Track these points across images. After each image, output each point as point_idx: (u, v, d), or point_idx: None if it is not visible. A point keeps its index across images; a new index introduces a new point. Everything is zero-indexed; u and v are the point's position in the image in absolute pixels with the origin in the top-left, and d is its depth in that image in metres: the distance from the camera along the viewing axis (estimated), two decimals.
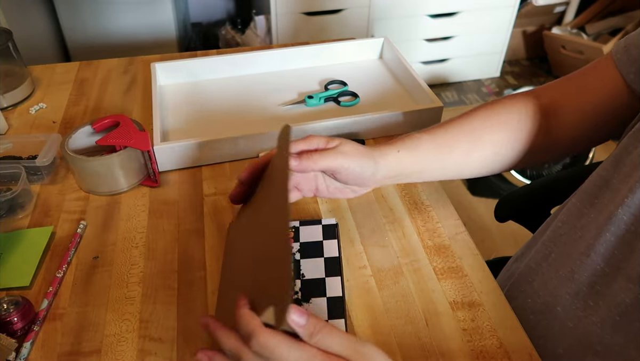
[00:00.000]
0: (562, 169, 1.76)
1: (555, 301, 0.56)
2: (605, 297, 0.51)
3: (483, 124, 0.61)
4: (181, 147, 0.72)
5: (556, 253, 0.57)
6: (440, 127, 0.61)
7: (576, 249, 0.55)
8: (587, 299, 0.53)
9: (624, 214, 0.49)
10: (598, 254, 0.52)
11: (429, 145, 0.59)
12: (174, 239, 0.64)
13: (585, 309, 0.53)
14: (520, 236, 0.73)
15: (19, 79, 0.88)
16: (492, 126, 0.61)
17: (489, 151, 0.61)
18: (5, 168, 0.70)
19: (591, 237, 0.53)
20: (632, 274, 0.49)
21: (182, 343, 0.53)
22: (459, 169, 0.62)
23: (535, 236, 0.67)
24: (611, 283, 0.51)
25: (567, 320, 0.55)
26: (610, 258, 0.51)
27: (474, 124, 0.61)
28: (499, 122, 0.61)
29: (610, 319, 0.50)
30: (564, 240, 0.57)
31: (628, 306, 0.49)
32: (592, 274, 0.52)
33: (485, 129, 0.61)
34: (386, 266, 0.61)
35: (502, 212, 0.89)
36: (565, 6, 2.44)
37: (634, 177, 0.49)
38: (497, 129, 0.61)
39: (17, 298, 0.54)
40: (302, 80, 0.93)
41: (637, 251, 0.48)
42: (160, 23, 1.99)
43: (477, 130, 0.61)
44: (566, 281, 0.55)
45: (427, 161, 0.59)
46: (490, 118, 0.62)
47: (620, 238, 0.50)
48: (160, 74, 0.89)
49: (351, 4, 2.05)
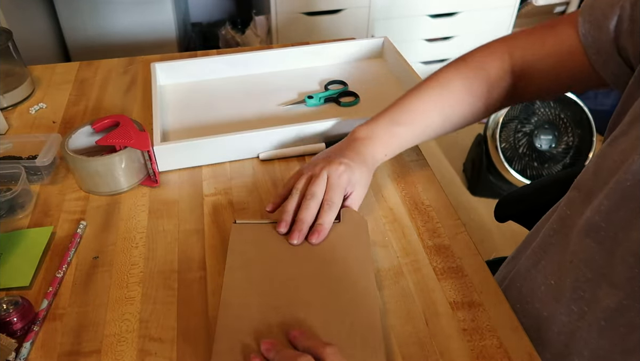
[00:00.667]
0: (562, 169, 1.76)
1: (542, 306, 0.57)
2: (590, 303, 0.51)
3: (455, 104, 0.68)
4: (181, 147, 0.72)
5: (545, 260, 0.58)
6: (418, 114, 0.67)
7: (563, 256, 0.55)
8: (572, 305, 0.53)
9: (602, 221, 0.49)
10: (581, 260, 0.52)
11: (410, 138, 0.68)
12: (174, 239, 0.64)
13: (571, 314, 0.53)
14: (520, 236, 0.74)
15: (19, 79, 0.88)
16: (464, 102, 0.67)
17: (460, 124, 0.70)
18: (5, 168, 0.70)
19: (574, 243, 0.53)
20: (615, 280, 0.49)
21: (182, 343, 0.53)
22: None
23: (527, 241, 0.68)
24: (595, 289, 0.51)
25: (554, 325, 0.55)
26: (592, 264, 0.51)
27: (448, 101, 0.67)
28: (466, 101, 0.67)
29: (596, 324, 0.51)
30: (554, 249, 0.57)
31: (613, 312, 0.49)
32: (576, 280, 0.52)
33: (456, 106, 0.68)
34: (386, 266, 0.61)
35: (502, 212, 0.89)
36: (565, 6, 2.44)
37: (609, 184, 0.49)
38: (467, 106, 0.68)
39: (16, 298, 0.54)
40: (302, 80, 0.93)
41: (618, 256, 0.48)
42: (160, 23, 1.99)
43: (451, 115, 0.68)
44: (553, 288, 0.56)
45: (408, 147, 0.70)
46: (462, 92, 0.67)
47: (599, 243, 0.50)
48: (160, 74, 0.89)
49: (351, 4, 2.05)
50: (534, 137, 1.75)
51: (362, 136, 0.66)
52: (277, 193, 0.64)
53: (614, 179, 0.48)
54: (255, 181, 0.72)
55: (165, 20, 1.99)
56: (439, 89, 0.67)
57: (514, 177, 1.75)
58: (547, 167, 1.77)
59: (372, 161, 0.65)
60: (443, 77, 0.68)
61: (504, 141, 1.74)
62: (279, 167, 0.75)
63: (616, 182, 0.48)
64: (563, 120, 1.73)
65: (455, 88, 0.67)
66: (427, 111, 0.67)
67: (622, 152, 0.49)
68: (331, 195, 0.60)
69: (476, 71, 0.67)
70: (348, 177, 0.61)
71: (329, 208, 0.59)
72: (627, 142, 0.49)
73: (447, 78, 0.68)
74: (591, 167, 0.54)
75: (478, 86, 0.67)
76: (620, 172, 0.48)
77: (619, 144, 0.50)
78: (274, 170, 0.74)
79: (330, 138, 0.77)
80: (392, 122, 0.67)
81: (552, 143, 1.77)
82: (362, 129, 0.67)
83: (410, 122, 0.67)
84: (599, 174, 0.51)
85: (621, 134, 0.50)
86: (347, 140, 0.67)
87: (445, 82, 0.67)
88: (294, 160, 0.76)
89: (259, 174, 0.74)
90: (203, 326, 0.54)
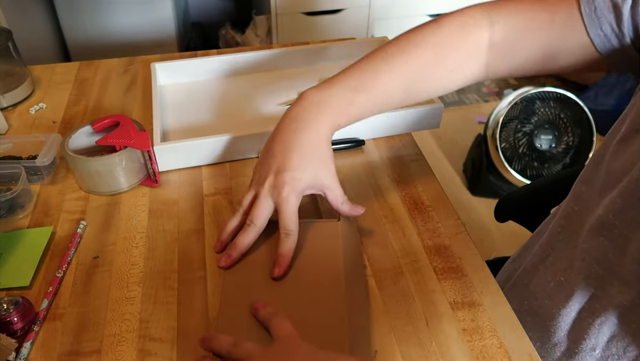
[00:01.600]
0: (562, 169, 1.76)
1: (552, 303, 0.56)
2: (602, 300, 0.51)
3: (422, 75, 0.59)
4: (181, 147, 0.72)
5: (553, 256, 0.57)
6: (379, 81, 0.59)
7: (573, 253, 0.54)
8: (584, 301, 0.53)
9: (615, 220, 0.49)
10: (592, 257, 0.52)
11: (369, 108, 0.60)
12: (174, 239, 0.64)
13: (581, 311, 0.53)
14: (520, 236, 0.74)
15: (19, 79, 0.88)
16: (431, 73, 0.59)
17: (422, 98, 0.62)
18: (5, 168, 0.70)
19: (585, 240, 0.53)
20: (626, 278, 0.48)
21: (182, 343, 0.53)
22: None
23: (533, 238, 0.67)
24: (607, 286, 0.50)
25: (563, 322, 0.55)
26: (604, 262, 0.51)
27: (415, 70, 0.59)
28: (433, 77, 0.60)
29: (608, 321, 0.50)
30: (562, 246, 0.56)
31: (625, 309, 0.49)
32: (587, 276, 0.52)
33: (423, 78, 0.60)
34: (386, 266, 0.61)
35: (502, 212, 0.89)
36: None
37: (622, 182, 0.49)
38: (434, 79, 0.60)
39: (16, 298, 0.54)
40: (302, 80, 0.93)
41: (629, 255, 0.48)
42: (160, 23, 1.99)
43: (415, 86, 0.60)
44: (563, 284, 0.55)
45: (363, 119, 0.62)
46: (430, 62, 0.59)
47: (612, 241, 0.50)
48: (160, 74, 0.89)
49: (351, 4, 2.05)
50: (534, 137, 1.75)
51: (312, 101, 0.58)
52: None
53: (626, 178, 0.48)
54: None
55: (165, 20, 1.99)
56: (405, 55, 0.59)
57: (514, 177, 1.75)
58: (547, 167, 1.77)
59: (323, 137, 0.57)
60: (412, 41, 0.59)
61: (504, 140, 1.74)
62: None
63: (629, 181, 0.48)
64: (563, 120, 1.73)
65: (424, 55, 0.59)
66: (390, 78, 0.59)
67: (634, 152, 0.49)
68: (285, 223, 0.55)
69: (450, 39, 0.59)
70: (297, 196, 0.56)
71: (286, 237, 0.55)
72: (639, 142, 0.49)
73: (415, 43, 0.59)
74: (599, 163, 0.53)
75: (449, 57, 0.59)
76: (633, 171, 0.48)
77: (632, 143, 0.49)
78: None
79: None
80: (349, 88, 0.58)
81: (552, 143, 1.77)
82: (313, 93, 0.59)
83: (370, 89, 0.59)
84: (611, 172, 0.51)
85: (634, 132, 0.49)
86: (293, 113, 0.58)
87: (412, 48, 0.59)
88: None
89: None
90: (203, 326, 0.54)
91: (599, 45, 0.53)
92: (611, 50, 0.53)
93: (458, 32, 0.59)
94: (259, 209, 0.56)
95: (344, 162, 0.76)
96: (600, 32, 0.52)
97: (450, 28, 0.59)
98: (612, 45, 0.52)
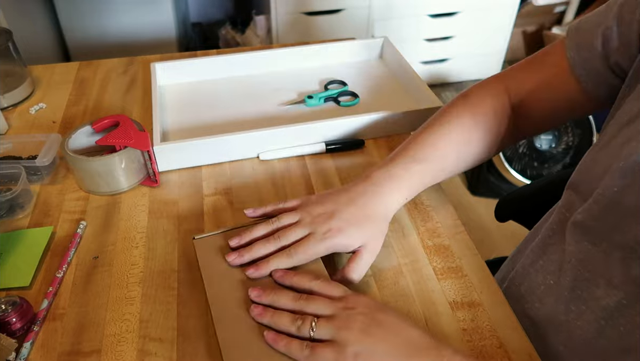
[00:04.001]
0: (562, 169, 1.76)
1: (542, 306, 0.57)
2: (589, 302, 0.51)
3: (469, 141, 0.65)
4: (181, 147, 0.72)
5: (544, 260, 0.58)
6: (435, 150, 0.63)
7: (562, 256, 0.55)
8: (571, 304, 0.53)
9: (594, 225, 0.50)
10: (578, 260, 0.52)
11: (427, 179, 0.63)
12: (174, 239, 0.64)
13: (569, 314, 0.53)
14: (520, 236, 0.74)
15: (19, 79, 0.88)
16: (476, 138, 0.65)
17: (471, 163, 0.66)
18: (5, 168, 0.70)
19: (570, 243, 0.53)
20: (613, 281, 0.49)
21: (182, 343, 0.53)
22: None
23: (526, 241, 0.68)
24: (593, 288, 0.51)
25: (552, 325, 0.55)
26: (589, 264, 0.51)
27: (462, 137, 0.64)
28: (477, 138, 0.65)
29: (595, 323, 0.51)
30: (553, 250, 0.57)
31: (612, 311, 0.49)
32: (574, 279, 0.53)
33: (470, 143, 0.65)
34: (386, 266, 0.61)
35: (502, 212, 0.89)
36: (566, 6, 2.44)
37: (598, 188, 0.50)
38: (479, 142, 0.65)
39: (14, 299, 0.54)
40: (302, 80, 0.93)
41: (615, 257, 0.48)
42: (160, 23, 1.99)
43: (465, 152, 0.65)
44: (552, 287, 0.56)
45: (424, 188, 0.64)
46: (473, 128, 0.64)
47: (595, 245, 0.50)
48: (160, 74, 0.89)
49: (351, 4, 2.05)
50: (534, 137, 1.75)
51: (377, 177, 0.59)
52: (266, 204, 0.61)
53: (602, 183, 0.49)
54: (255, 181, 0.72)
55: (165, 20, 1.99)
56: (450, 125, 0.64)
57: (514, 177, 1.75)
58: (547, 167, 1.77)
59: (385, 211, 0.59)
60: (452, 114, 0.65)
61: None
62: (279, 167, 0.75)
63: (604, 187, 0.49)
64: None
65: (467, 124, 0.64)
66: (443, 147, 0.63)
67: (608, 158, 0.50)
68: (298, 249, 0.55)
69: (481, 108, 0.65)
70: (329, 248, 0.55)
71: (288, 257, 0.54)
72: (612, 148, 0.50)
73: (455, 115, 0.65)
74: (584, 169, 0.55)
75: (487, 123, 0.64)
76: (607, 178, 0.49)
77: (607, 149, 0.51)
78: (274, 170, 0.74)
79: (330, 138, 0.77)
80: (411, 160, 0.61)
81: (552, 143, 1.77)
82: (378, 170, 0.60)
83: (429, 159, 0.62)
84: (592, 179, 0.52)
85: (611, 139, 0.51)
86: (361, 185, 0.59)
87: (455, 120, 0.64)
88: (293, 160, 0.76)
89: (259, 174, 0.74)
90: (203, 326, 0.54)
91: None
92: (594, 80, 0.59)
93: (485, 103, 0.65)
94: (293, 233, 0.56)
95: (344, 162, 0.76)
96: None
97: (479, 101, 0.66)
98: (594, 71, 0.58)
